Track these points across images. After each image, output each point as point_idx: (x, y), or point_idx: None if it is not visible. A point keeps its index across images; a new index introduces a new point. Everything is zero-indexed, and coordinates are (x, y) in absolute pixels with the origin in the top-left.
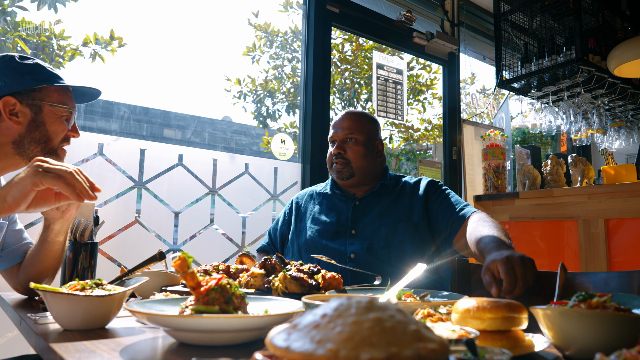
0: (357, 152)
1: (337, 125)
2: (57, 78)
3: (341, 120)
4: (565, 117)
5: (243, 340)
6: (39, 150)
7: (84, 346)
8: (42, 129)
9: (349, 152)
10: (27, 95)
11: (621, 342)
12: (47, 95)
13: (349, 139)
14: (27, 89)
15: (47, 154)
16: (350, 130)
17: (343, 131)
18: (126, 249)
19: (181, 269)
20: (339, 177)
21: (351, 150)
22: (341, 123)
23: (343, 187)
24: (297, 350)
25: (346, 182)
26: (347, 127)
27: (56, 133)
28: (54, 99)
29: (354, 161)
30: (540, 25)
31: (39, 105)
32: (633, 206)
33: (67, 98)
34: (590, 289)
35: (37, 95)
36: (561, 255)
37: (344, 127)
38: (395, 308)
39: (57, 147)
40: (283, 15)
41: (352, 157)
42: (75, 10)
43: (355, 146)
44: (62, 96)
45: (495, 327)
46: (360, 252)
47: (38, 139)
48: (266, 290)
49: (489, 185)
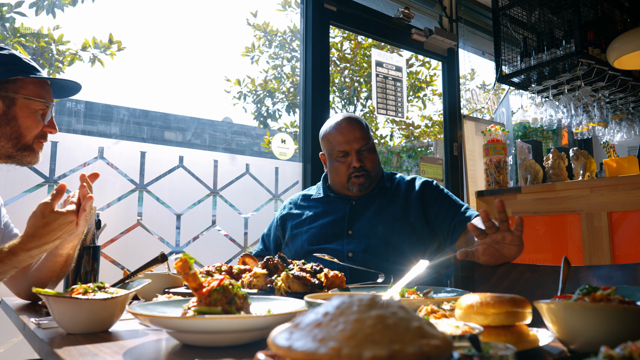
0: (373, 160)
1: (349, 137)
2: (33, 70)
3: (351, 130)
4: (566, 110)
5: (246, 340)
6: (11, 147)
7: (88, 350)
8: (13, 124)
9: (367, 163)
10: (0, 86)
11: (626, 335)
12: (22, 87)
13: (363, 149)
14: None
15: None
16: (365, 140)
17: (358, 142)
18: (128, 252)
19: (183, 270)
20: (359, 190)
21: (368, 160)
22: (353, 133)
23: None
24: (299, 349)
25: (364, 193)
26: (360, 137)
27: (29, 128)
28: (30, 92)
29: (372, 170)
30: (539, 19)
31: (12, 97)
32: (636, 199)
33: (44, 91)
34: (594, 282)
35: (11, 87)
36: (564, 249)
37: (358, 137)
38: (398, 305)
39: (31, 143)
40: (281, 15)
41: (371, 167)
42: (73, 15)
43: (370, 155)
44: (38, 89)
45: (499, 322)
46: (357, 251)
47: (9, 135)
48: (269, 290)
49: (491, 180)
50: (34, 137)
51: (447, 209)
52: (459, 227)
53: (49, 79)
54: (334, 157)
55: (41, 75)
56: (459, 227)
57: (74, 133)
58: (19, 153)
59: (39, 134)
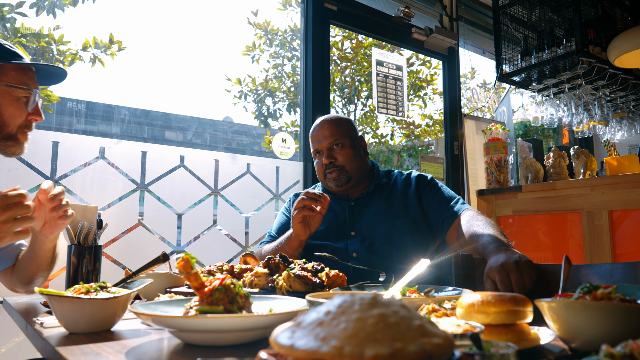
0: (347, 154)
1: (319, 136)
2: (15, 56)
3: (320, 129)
4: (566, 109)
5: (248, 339)
6: None
7: (90, 349)
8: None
9: (339, 158)
10: None
11: (627, 333)
12: (4, 74)
13: (334, 146)
14: None
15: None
16: (334, 137)
17: (327, 140)
18: (130, 252)
19: (185, 269)
20: (337, 185)
21: (341, 155)
22: (322, 132)
23: (340, 192)
24: (301, 348)
25: (345, 188)
26: (329, 134)
27: (12, 117)
28: (12, 79)
29: (347, 165)
30: (540, 17)
31: None
32: (637, 197)
33: (27, 78)
34: (595, 280)
35: None
36: (565, 247)
37: (327, 135)
38: (399, 304)
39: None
40: (282, 14)
41: (345, 161)
42: (74, 16)
43: (343, 150)
44: (20, 76)
45: (500, 321)
46: (361, 251)
47: None
48: (270, 290)
49: (492, 179)
50: (18, 127)
51: (438, 203)
52: (447, 222)
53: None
54: (314, 158)
55: (23, 61)
56: (447, 221)
57: (75, 133)
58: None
59: (23, 123)
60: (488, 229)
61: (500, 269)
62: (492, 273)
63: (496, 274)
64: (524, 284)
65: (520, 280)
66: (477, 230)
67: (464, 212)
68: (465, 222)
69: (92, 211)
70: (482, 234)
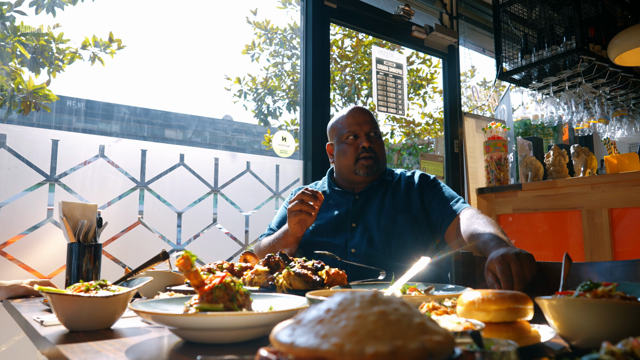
0: (381, 146)
1: (359, 120)
2: None
3: (360, 114)
4: (566, 107)
5: (248, 337)
6: None
7: (90, 347)
8: None
9: (375, 147)
10: None
11: (627, 331)
12: None
13: (372, 134)
14: None
15: None
16: (373, 125)
17: (367, 126)
18: (130, 250)
19: (185, 267)
20: (368, 173)
21: (377, 145)
22: (362, 117)
23: (348, 184)
24: (301, 345)
25: (371, 178)
26: (369, 121)
27: None
28: None
29: (380, 155)
30: (540, 15)
31: None
32: (637, 195)
33: None
34: (595, 278)
35: None
36: (565, 245)
37: (367, 121)
38: (400, 301)
39: None
40: (282, 12)
41: (379, 152)
42: (73, 14)
43: (378, 140)
44: None
45: (500, 318)
46: (360, 246)
47: None
48: (270, 288)
49: (492, 177)
50: None
51: (439, 201)
52: (447, 220)
53: None
54: (343, 139)
55: None
56: (447, 219)
57: (74, 131)
58: None
59: None
60: (489, 227)
61: (501, 259)
62: (493, 264)
63: (497, 264)
64: (524, 275)
65: (520, 270)
66: (477, 228)
67: (463, 210)
68: (466, 220)
69: (92, 209)
70: (483, 232)
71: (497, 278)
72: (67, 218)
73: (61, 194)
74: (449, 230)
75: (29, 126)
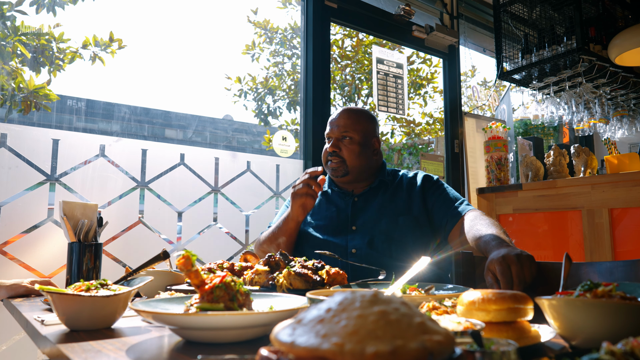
0: (352, 151)
1: (334, 123)
2: None
3: (338, 117)
4: (567, 107)
5: (248, 337)
6: None
7: (90, 346)
8: None
9: (344, 151)
10: None
11: (627, 331)
12: None
13: (344, 137)
14: None
15: None
16: (346, 129)
17: (339, 129)
18: (130, 249)
19: (185, 267)
20: (334, 175)
21: (346, 149)
22: (337, 121)
23: (340, 184)
24: (302, 345)
25: (341, 180)
26: (343, 125)
27: None
28: None
29: (348, 160)
30: (540, 15)
31: None
32: (637, 195)
33: None
34: (595, 278)
35: None
36: (566, 245)
37: (340, 125)
38: (400, 301)
39: None
40: (282, 12)
41: (347, 156)
42: (74, 14)
43: (350, 145)
44: None
45: (500, 318)
46: (361, 247)
47: None
48: (271, 287)
49: (492, 177)
50: None
51: (442, 203)
52: (450, 222)
53: None
54: (326, 142)
55: None
56: (451, 221)
57: (75, 131)
58: None
59: None
60: (491, 228)
61: (502, 260)
62: (493, 265)
63: (497, 265)
64: (524, 277)
65: (520, 272)
66: (479, 229)
67: (468, 212)
68: (469, 221)
69: (92, 209)
70: (485, 233)
71: (497, 279)
72: (67, 217)
73: (62, 193)
74: (453, 232)
75: (30, 126)
